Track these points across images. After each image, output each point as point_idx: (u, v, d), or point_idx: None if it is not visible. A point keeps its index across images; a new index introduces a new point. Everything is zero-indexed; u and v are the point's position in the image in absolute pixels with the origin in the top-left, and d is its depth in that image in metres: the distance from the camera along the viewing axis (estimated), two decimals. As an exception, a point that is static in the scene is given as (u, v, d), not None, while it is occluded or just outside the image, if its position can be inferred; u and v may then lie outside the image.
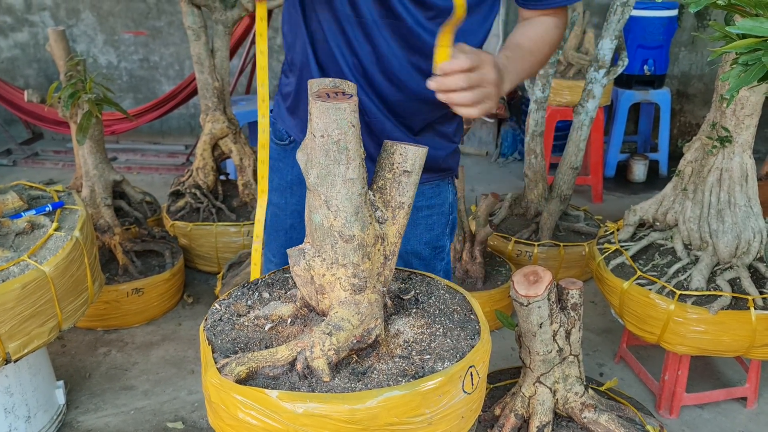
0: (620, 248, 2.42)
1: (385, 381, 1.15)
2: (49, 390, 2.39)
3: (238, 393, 1.12)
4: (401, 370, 1.17)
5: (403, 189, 1.23)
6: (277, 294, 1.40)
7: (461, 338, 1.28)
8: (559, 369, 1.98)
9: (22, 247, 2.03)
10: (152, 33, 5.40)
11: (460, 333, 1.29)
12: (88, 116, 2.79)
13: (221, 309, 1.35)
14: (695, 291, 2.16)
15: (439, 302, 1.41)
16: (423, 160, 1.22)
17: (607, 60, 3.17)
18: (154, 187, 4.62)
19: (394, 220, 1.25)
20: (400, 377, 1.16)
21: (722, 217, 2.22)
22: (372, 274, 1.23)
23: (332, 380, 1.15)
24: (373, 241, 1.22)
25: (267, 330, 1.27)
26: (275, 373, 1.16)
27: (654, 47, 4.44)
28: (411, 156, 1.21)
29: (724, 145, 2.17)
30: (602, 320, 3.10)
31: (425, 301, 1.40)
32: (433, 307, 1.38)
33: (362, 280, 1.22)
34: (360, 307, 1.21)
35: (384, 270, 1.27)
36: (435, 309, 1.38)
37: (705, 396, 2.47)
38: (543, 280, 1.84)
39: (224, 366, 1.15)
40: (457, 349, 1.24)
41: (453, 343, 1.26)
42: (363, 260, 1.20)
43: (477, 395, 1.26)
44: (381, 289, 1.27)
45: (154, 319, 3.12)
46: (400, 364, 1.20)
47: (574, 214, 3.54)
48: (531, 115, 3.39)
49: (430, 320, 1.33)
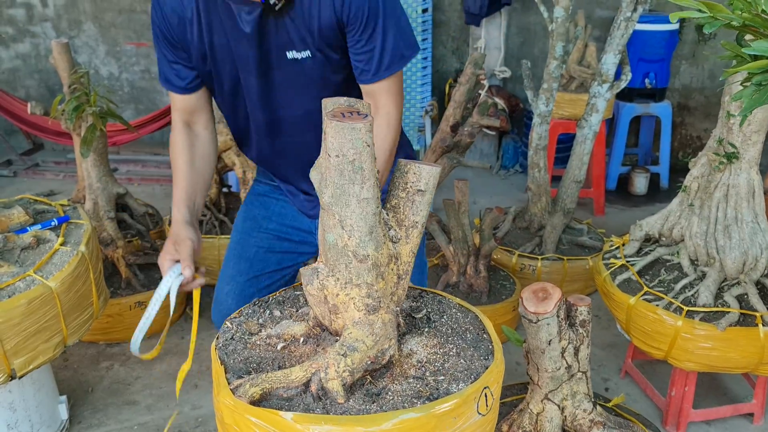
0: (626, 263, 2.41)
1: (400, 403, 1.14)
2: (52, 405, 2.37)
3: (252, 415, 1.11)
4: (416, 392, 1.17)
5: (416, 208, 1.23)
6: (288, 312, 1.40)
7: (475, 358, 1.27)
8: (567, 386, 1.97)
9: (27, 262, 2.02)
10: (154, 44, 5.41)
11: (474, 353, 1.28)
12: (92, 129, 2.79)
13: (232, 327, 1.34)
14: (703, 307, 2.16)
15: (452, 321, 1.40)
16: (437, 179, 1.22)
17: (610, 74, 3.18)
18: (155, 199, 4.60)
19: (407, 240, 1.24)
20: (414, 399, 1.15)
21: (729, 232, 2.22)
22: (386, 293, 1.23)
23: (347, 402, 1.14)
24: (387, 261, 1.21)
25: (279, 349, 1.26)
26: (289, 394, 1.15)
27: (655, 60, 4.46)
28: (425, 175, 1.21)
29: (731, 161, 2.18)
30: (607, 334, 3.10)
31: (437, 320, 1.40)
32: (446, 326, 1.38)
33: (376, 300, 1.21)
34: (374, 328, 1.20)
35: (397, 290, 1.26)
36: (447, 328, 1.37)
37: (712, 412, 2.46)
38: (552, 297, 1.83)
39: (238, 387, 1.14)
40: (471, 370, 1.23)
41: (467, 363, 1.25)
42: (377, 280, 1.20)
43: (491, 416, 1.25)
44: (394, 308, 1.26)
45: (157, 332, 3.09)
46: (414, 385, 1.19)
47: (577, 228, 3.54)
48: (534, 129, 3.39)
49: (443, 340, 1.32)
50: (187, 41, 1.61)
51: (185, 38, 1.61)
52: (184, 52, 1.63)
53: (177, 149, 1.74)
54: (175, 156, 1.74)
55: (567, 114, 4.27)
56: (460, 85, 3.36)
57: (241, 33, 1.55)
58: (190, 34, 1.59)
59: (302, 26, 1.54)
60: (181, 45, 1.62)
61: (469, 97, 3.41)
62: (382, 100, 1.61)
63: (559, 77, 3.27)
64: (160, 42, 1.64)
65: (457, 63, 5.30)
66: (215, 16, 1.57)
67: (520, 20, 5.07)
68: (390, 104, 1.61)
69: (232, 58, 1.61)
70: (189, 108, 1.73)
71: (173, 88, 1.69)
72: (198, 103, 1.73)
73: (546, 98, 3.30)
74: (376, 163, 1.14)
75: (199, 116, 1.75)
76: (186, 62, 1.65)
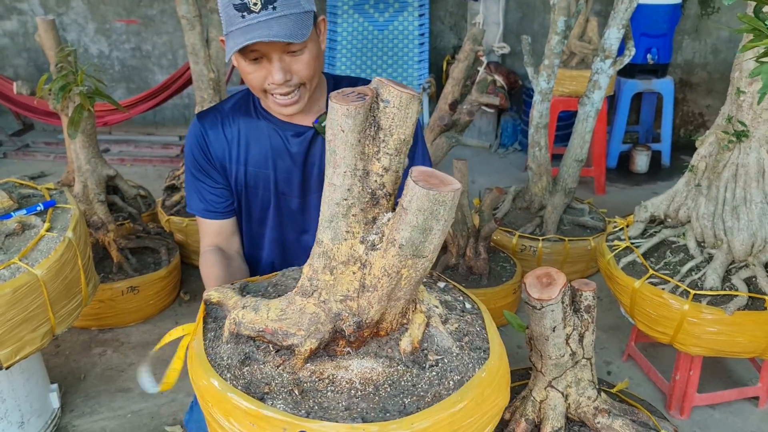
0: (631, 245, 2.35)
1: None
2: (42, 394, 2.32)
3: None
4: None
5: (398, 225, 1.11)
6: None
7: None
8: (571, 373, 1.91)
9: (12, 249, 1.94)
10: (144, 21, 5.28)
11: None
12: (79, 110, 2.69)
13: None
14: (710, 291, 2.10)
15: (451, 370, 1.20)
16: (424, 203, 1.07)
17: (613, 50, 3.09)
18: (147, 180, 4.52)
19: (384, 254, 1.13)
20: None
21: (737, 214, 2.15)
22: (330, 289, 1.13)
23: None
24: (345, 259, 1.12)
25: None
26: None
27: (658, 35, 4.36)
28: (409, 193, 1.09)
29: (741, 139, 2.10)
30: (609, 317, 3.05)
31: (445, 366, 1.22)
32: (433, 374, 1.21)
33: (312, 287, 1.14)
34: (289, 307, 1.16)
35: (359, 299, 1.15)
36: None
37: (717, 396, 2.41)
38: (557, 283, 1.77)
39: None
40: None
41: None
42: (324, 270, 1.13)
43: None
44: (336, 311, 1.15)
45: (150, 317, 3.04)
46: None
47: (578, 208, 3.47)
48: (535, 106, 3.31)
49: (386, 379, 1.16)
50: (227, 167, 1.59)
51: (225, 164, 1.58)
52: (224, 177, 1.60)
53: (213, 263, 1.58)
54: (210, 269, 1.57)
55: (567, 91, 4.18)
56: (459, 61, 3.27)
57: (287, 153, 1.56)
58: (229, 160, 1.58)
59: None
60: (221, 171, 1.59)
61: (468, 74, 3.32)
62: None
63: (561, 53, 3.18)
64: (198, 171, 1.59)
65: (455, 39, 5.19)
66: (255, 141, 1.56)
67: (520, -6, 4.96)
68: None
69: (268, 183, 1.59)
70: (225, 233, 1.66)
71: (211, 215, 1.62)
72: (233, 227, 1.67)
73: (547, 75, 3.21)
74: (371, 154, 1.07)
75: (233, 242, 1.68)
76: (225, 187, 1.61)
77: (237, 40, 1.33)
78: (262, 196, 1.61)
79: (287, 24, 1.32)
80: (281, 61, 1.37)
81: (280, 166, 1.57)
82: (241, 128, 1.56)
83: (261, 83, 1.42)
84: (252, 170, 1.58)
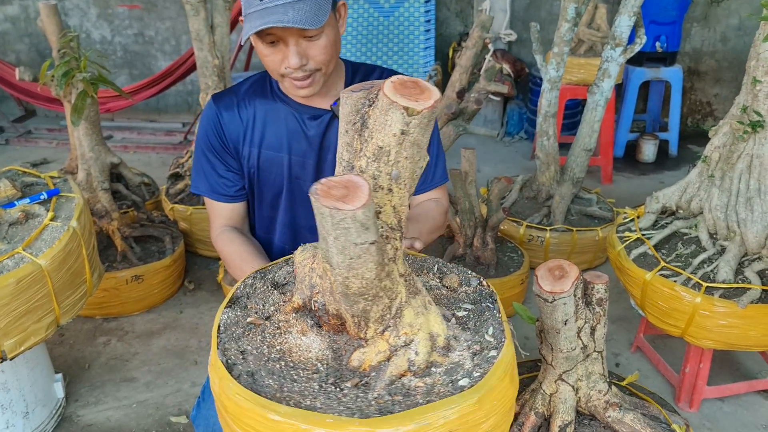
0: (642, 237, 2.32)
1: None
2: (47, 384, 2.30)
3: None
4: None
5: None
6: None
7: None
8: (582, 366, 1.89)
9: (16, 238, 1.92)
10: (147, 6, 5.22)
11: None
12: (83, 96, 2.66)
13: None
14: (723, 284, 2.07)
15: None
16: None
17: (624, 38, 3.04)
18: (151, 168, 4.49)
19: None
20: None
21: (751, 205, 2.12)
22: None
23: None
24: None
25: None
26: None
27: (667, 23, 4.31)
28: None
29: (756, 130, 2.06)
30: (617, 308, 3.02)
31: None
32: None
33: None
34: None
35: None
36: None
37: (726, 389, 2.39)
38: (569, 276, 1.74)
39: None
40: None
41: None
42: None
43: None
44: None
45: (155, 306, 3.02)
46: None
47: (586, 198, 3.44)
48: (544, 95, 3.26)
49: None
50: (240, 150, 1.58)
51: (239, 147, 1.57)
52: (236, 161, 1.59)
53: (232, 241, 1.58)
54: (230, 246, 1.57)
55: (575, 79, 4.13)
56: (467, 49, 3.22)
57: (303, 136, 1.55)
58: (243, 142, 1.57)
59: None
60: (234, 154, 1.58)
61: (476, 62, 3.28)
62: (434, 195, 1.70)
63: (570, 41, 3.13)
64: (211, 153, 1.58)
65: (461, 26, 5.13)
66: (271, 123, 1.55)
67: (527, -19, 4.90)
68: (443, 197, 1.72)
69: (281, 167, 1.57)
70: (236, 216, 1.65)
71: (222, 198, 1.61)
72: (244, 210, 1.66)
73: (556, 63, 3.17)
74: None
75: (244, 226, 1.68)
76: (237, 171, 1.60)
77: (253, 23, 1.31)
78: (275, 179, 1.59)
79: (303, 9, 1.30)
80: (297, 45, 1.36)
81: (295, 149, 1.55)
82: (257, 110, 1.55)
83: (278, 66, 1.40)
84: (266, 153, 1.56)
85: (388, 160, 1.08)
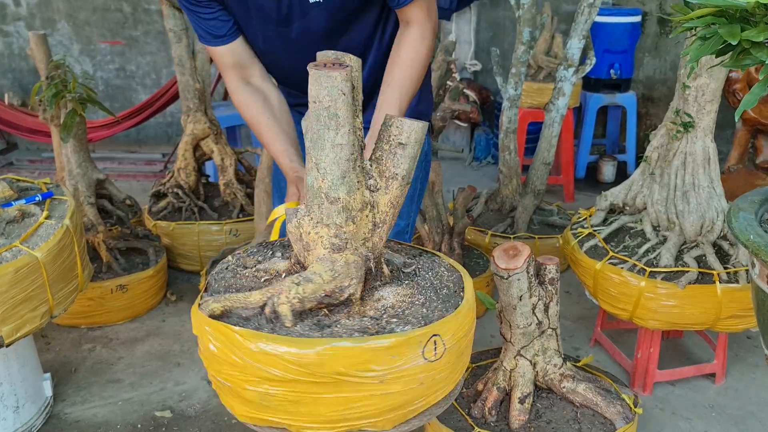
0: (593, 232, 2.53)
1: (341, 334, 1.19)
2: (36, 381, 2.41)
3: (209, 326, 1.19)
4: (363, 328, 1.21)
5: (397, 160, 1.29)
6: (288, 254, 1.47)
7: (437, 309, 1.29)
8: (538, 342, 2.07)
9: (13, 234, 2.07)
10: (129, 42, 5.44)
11: (439, 305, 1.31)
12: (72, 114, 2.83)
13: (231, 261, 1.42)
14: (664, 268, 2.28)
15: (435, 277, 1.42)
16: (420, 134, 1.27)
17: (575, 59, 3.31)
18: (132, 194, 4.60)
19: (387, 190, 1.31)
20: (357, 333, 1.19)
21: (687, 198, 2.35)
22: (355, 237, 1.29)
23: (294, 326, 1.20)
24: (360, 207, 1.28)
25: (262, 282, 1.34)
26: (247, 314, 1.23)
27: (619, 52, 4.63)
28: (407, 129, 1.28)
29: (688, 130, 2.31)
30: (577, 308, 3.21)
31: (422, 275, 1.44)
32: (427, 281, 1.40)
33: (343, 240, 1.28)
34: (335, 265, 1.26)
35: (372, 236, 1.33)
36: (427, 282, 1.40)
37: (676, 372, 2.58)
38: (522, 254, 1.93)
39: (204, 302, 1.22)
40: (427, 318, 1.25)
41: (427, 312, 1.28)
42: (346, 222, 1.27)
43: (442, 365, 1.25)
44: (365, 253, 1.32)
45: (138, 316, 3.14)
46: (365, 323, 1.23)
47: (547, 209, 3.66)
48: (504, 112, 3.51)
49: (417, 291, 1.35)
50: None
51: None
52: (218, 2, 1.65)
53: (252, 109, 1.71)
54: (253, 115, 1.71)
55: (536, 103, 4.40)
56: (432, 71, 3.47)
57: None
58: None
59: None
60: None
61: (441, 83, 3.52)
62: (415, 14, 1.61)
63: (527, 62, 3.40)
64: (190, 4, 1.64)
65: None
66: None
67: (490, 15, 5.21)
68: (424, 18, 1.62)
69: (249, 7, 1.64)
70: (240, 60, 1.71)
71: (217, 41, 1.68)
72: (246, 51, 1.72)
73: (515, 82, 3.42)
74: (356, 111, 1.23)
75: (252, 69, 1.74)
76: (222, 12, 1.66)
77: None
78: (245, 24, 1.66)
79: None
80: None
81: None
82: None
83: None
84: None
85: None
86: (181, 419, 2.45)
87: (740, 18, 1.31)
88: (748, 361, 2.76)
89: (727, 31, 1.27)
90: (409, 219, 2.04)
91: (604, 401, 2.03)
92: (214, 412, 2.48)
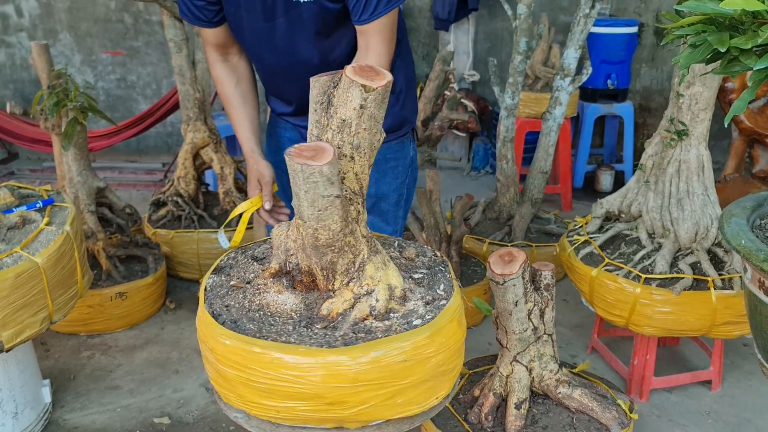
0: (589, 239, 2.55)
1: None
2: (35, 387, 2.42)
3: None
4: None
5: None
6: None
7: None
8: (534, 348, 2.08)
9: (14, 240, 2.09)
10: (130, 53, 5.49)
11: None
12: (73, 123, 2.86)
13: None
14: (659, 275, 2.30)
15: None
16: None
17: (572, 69, 3.34)
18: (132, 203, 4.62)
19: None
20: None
21: (682, 205, 2.37)
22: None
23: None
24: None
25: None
26: None
27: (616, 62, 4.66)
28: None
29: (682, 138, 2.33)
30: (574, 316, 3.23)
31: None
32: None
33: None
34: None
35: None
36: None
37: (672, 379, 2.59)
38: (517, 260, 1.95)
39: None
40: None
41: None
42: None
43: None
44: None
45: (137, 323, 3.15)
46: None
47: (545, 218, 3.68)
48: (502, 121, 3.54)
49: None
50: None
51: None
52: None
53: (226, 88, 1.93)
54: (225, 94, 1.93)
55: (533, 113, 4.43)
56: (430, 81, 3.51)
57: None
58: None
59: None
60: None
61: (438, 93, 3.56)
62: (374, 41, 1.71)
63: (524, 71, 3.43)
64: None
65: (428, 68, 5.45)
66: None
67: (488, 26, 5.26)
68: (381, 45, 1.71)
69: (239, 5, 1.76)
70: (221, 41, 1.89)
71: (202, 23, 1.84)
72: (228, 34, 1.88)
73: (512, 92, 3.46)
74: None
75: (231, 48, 1.92)
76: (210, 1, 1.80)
77: None
78: (234, 13, 1.79)
79: None
80: None
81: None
82: None
83: None
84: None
85: (350, 131, 1.30)
86: (179, 426, 2.46)
87: (729, 26, 1.34)
88: (744, 368, 2.77)
89: (716, 39, 1.30)
90: (396, 225, 2.09)
91: (599, 407, 2.04)
92: (212, 418, 2.49)
